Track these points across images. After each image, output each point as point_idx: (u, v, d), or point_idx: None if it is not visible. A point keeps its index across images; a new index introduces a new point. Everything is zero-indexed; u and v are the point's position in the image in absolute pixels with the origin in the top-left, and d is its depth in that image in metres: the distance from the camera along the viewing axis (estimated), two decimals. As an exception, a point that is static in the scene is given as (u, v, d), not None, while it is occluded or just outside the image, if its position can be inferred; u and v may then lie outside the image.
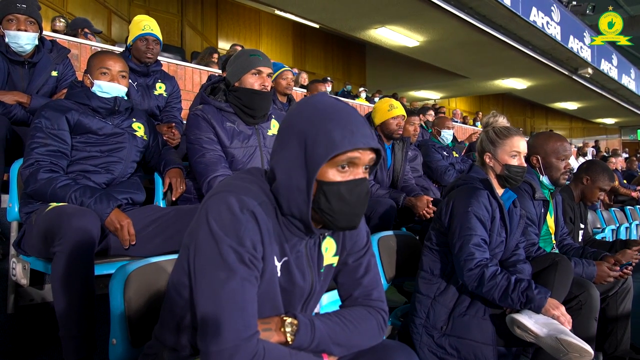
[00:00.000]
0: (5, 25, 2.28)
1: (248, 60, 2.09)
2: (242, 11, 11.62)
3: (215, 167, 1.98)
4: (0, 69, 2.30)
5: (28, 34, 2.29)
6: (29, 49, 2.34)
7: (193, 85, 4.57)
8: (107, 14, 8.29)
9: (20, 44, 2.29)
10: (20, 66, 2.36)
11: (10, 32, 2.27)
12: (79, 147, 1.87)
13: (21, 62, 2.35)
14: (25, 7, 2.28)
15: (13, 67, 2.34)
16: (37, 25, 2.35)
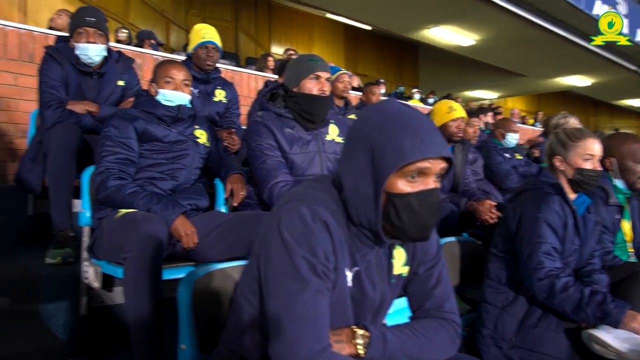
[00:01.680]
0: (76, 38, 2.39)
1: (306, 65, 2.08)
2: (294, 16, 11.73)
3: (276, 173, 1.98)
4: (72, 80, 2.41)
5: (97, 45, 2.39)
6: (97, 60, 2.44)
7: (249, 90, 4.64)
8: (166, 23, 8.59)
9: (90, 56, 2.40)
10: (90, 77, 2.46)
11: (80, 44, 2.37)
12: (145, 154, 1.93)
13: (90, 72, 2.46)
14: (94, 21, 2.38)
15: (83, 77, 2.45)
16: (105, 37, 2.45)
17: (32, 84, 3.23)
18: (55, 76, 2.36)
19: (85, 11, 2.45)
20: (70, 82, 2.41)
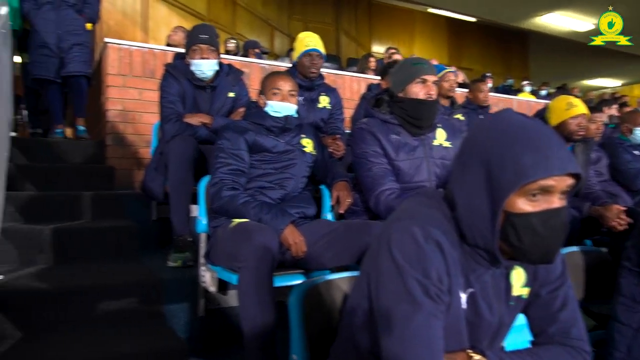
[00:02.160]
0: (191, 54, 2.55)
1: (412, 69, 2.03)
2: (394, 13, 11.59)
3: (382, 181, 1.96)
4: (188, 95, 2.58)
5: (210, 61, 2.53)
6: (210, 75, 2.58)
7: (352, 93, 4.65)
8: (270, 30, 8.91)
9: (204, 71, 2.54)
10: (203, 90, 2.61)
11: (195, 60, 2.53)
12: (255, 164, 2.00)
13: (204, 86, 2.61)
14: (207, 38, 2.53)
15: (198, 91, 2.61)
16: (217, 53, 2.58)
17: (153, 98, 3.51)
18: (173, 91, 2.53)
19: (198, 29, 2.60)
20: (187, 96, 2.58)
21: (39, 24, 3.54)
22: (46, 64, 3.55)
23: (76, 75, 3.65)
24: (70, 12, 3.63)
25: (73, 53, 3.60)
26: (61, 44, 3.58)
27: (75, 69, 3.62)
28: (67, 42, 3.58)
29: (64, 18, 3.59)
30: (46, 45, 3.53)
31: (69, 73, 3.61)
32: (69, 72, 3.60)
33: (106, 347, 1.83)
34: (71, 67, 3.60)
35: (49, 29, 3.54)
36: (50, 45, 3.54)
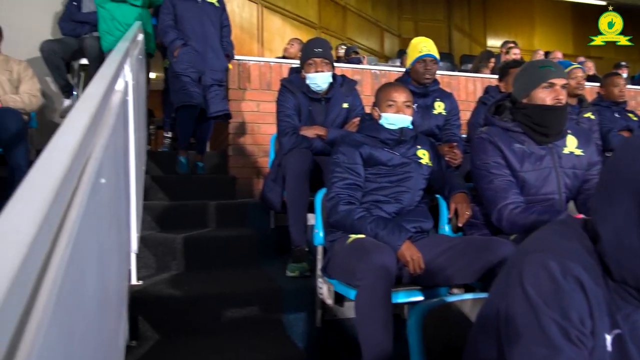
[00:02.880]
0: (306, 69, 2.61)
1: (537, 72, 1.89)
2: (511, 4, 10.93)
3: (505, 194, 1.84)
4: (303, 107, 2.65)
5: (324, 74, 2.58)
6: (325, 87, 2.62)
7: (467, 94, 4.46)
8: (380, 32, 8.87)
9: (318, 84, 2.59)
10: (318, 102, 2.66)
11: (310, 74, 2.59)
12: (370, 178, 1.99)
13: (319, 99, 2.65)
14: (321, 51, 2.57)
15: (312, 103, 2.66)
16: (330, 65, 2.62)
17: (270, 109, 3.66)
18: (289, 105, 2.61)
19: (312, 43, 2.66)
20: (302, 109, 2.64)
21: (182, 57, 3.41)
22: (188, 91, 3.41)
23: (218, 115, 3.57)
24: (214, 52, 3.51)
25: (214, 92, 3.50)
26: (203, 80, 3.48)
27: (216, 108, 3.51)
28: (209, 80, 3.47)
29: (207, 57, 3.46)
30: (188, 75, 3.42)
31: (211, 114, 3.51)
32: (211, 113, 3.50)
33: (227, 354, 1.93)
34: (213, 107, 3.50)
35: (192, 63, 3.42)
36: (192, 77, 3.43)
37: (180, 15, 3.46)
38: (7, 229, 0.49)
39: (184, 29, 3.47)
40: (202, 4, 3.52)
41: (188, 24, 3.45)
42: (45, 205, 0.59)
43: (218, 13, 3.58)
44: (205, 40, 3.46)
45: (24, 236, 0.48)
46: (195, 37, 3.44)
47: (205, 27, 3.48)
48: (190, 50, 3.42)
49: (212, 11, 3.53)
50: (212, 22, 3.52)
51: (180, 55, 3.40)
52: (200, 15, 3.47)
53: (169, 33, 3.44)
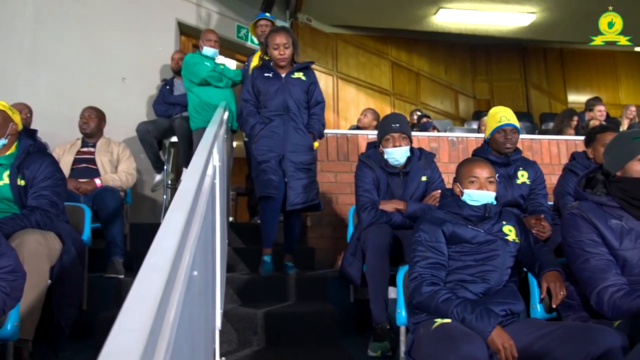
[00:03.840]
0: (384, 144, 2.65)
1: (631, 145, 1.79)
2: (590, 57, 10.56)
3: (604, 275, 1.71)
4: (382, 181, 2.66)
5: (402, 148, 2.61)
6: (403, 162, 2.64)
7: (550, 157, 4.28)
8: (454, 94, 8.86)
9: (397, 158, 2.62)
10: (397, 176, 2.67)
11: (388, 149, 2.62)
12: (454, 256, 1.93)
13: (397, 173, 2.67)
14: (399, 126, 2.62)
15: (391, 177, 2.67)
16: (408, 139, 2.64)
17: (348, 180, 3.72)
18: (368, 180, 2.64)
19: (390, 118, 2.73)
20: (381, 183, 2.66)
21: (262, 140, 3.06)
22: (268, 180, 2.99)
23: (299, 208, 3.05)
24: (297, 131, 3.07)
25: (295, 178, 3.00)
26: (283, 165, 3.02)
27: (295, 200, 2.98)
28: (290, 165, 3.01)
29: (289, 137, 3.03)
30: (268, 161, 3.02)
31: (292, 206, 2.98)
32: (290, 205, 2.98)
33: None
34: (292, 197, 2.97)
35: (272, 146, 3.03)
36: (273, 163, 3.01)
37: (263, 92, 3.15)
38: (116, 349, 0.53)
39: (265, 105, 3.14)
40: (286, 78, 3.15)
41: (270, 101, 3.11)
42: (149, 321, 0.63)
43: (304, 87, 3.17)
44: (288, 119, 3.06)
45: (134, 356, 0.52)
46: (277, 115, 3.08)
47: (289, 103, 3.08)
48: (271, 132, 3.05)
49: (297, 86, 3.14)
50: (297, 99, 3.11)
51: (260, 139, 3.07)
52: (283, 91, 3.10)
53: (248, 120, 3.15)
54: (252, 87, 3.19)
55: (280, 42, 3.09)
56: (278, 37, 3.10)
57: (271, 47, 3.12)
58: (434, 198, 2.59)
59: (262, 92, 3.14)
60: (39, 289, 2.11)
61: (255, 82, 3.17)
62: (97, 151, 3.52)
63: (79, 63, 4.52)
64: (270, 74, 3.15)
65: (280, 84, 3.12)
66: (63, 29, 4.49)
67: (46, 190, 2.31)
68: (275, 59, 3.12)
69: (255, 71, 3.22)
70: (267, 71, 3.16)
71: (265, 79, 3.14)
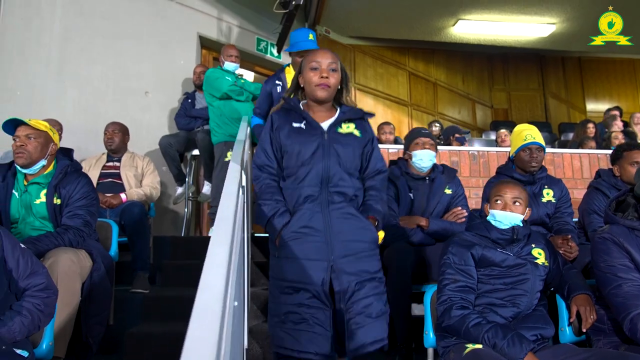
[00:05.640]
0: (412, 147, 2.72)
1: (664, 169, 1.77)
2: (610, 66, 10.46)
3: (637, 302, 1.70)
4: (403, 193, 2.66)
5: (430, 152, 2.68)
6: (429, 166, 2.70)
7: (572, 171, 4.25)
8: (471, 104, 8.83)
9: (424, 160, 2.67)
10: (422, 182, 2.70)
11: (417, 151, 2.69)
12: (483, 279, 1.93)
13: (422, 178, 2.70)
14: (428, 132, 2.73)
15: (415, 185, 2.69)
16: (436, 148, 2.70)
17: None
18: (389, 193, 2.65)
19: (419, 128, 2.84)
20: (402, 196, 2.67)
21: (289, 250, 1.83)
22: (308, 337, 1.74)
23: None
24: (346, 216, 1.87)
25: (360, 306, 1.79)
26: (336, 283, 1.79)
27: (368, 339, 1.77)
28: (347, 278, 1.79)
29: (337, 229, 1.83)
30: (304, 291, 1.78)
31: (360, 350, 1.75)
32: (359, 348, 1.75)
33: None
34: (360, 337, 1.76)
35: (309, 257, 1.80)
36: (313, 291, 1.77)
37: (290, 153, 1.91)
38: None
39: (292, 173, 1.91)
40: (331, 133, 1.92)
41: (302, 169, 1.89)
42: None
43: (359, 148, 1.96)
44: (331, 199, 1.87)
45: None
46: (313, 193, 1.86)
47: (333, 174, 1.87)
48: (304, 227, 1.82)
49: (349, 146, 1.92)
50: (347, 166, 1.90)
51: (286, 247, 1.82)
52: (325, 154, 1.88)
53: (263, 210, 1.89)
54: (271, 143, 1.95)
55: (324, 60, 1.92)
56: (321, 54, 1.95)
57: (308, 67, 1.94)
58: (455, 215, 2.59)
59: (289, 152, 1.91)
60: (71, 307, 2.16)
61: (278, 135, 1.94)
62: (122, 166, 3.58)
63: (104, 77, 4.60)
64: (302, 124, 1.93)
65: (321, 141, 1.89)
66: (89, 44, 4.58)
67: (81, 210, 2.36)
68: (313, 86, 1.92)
69: (277, 118, 1.97)
70: (297, 119, 1.94)
71: (295, 132, 1.92)
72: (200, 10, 5.22)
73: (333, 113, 2.00)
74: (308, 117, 1.95)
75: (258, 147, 2.08)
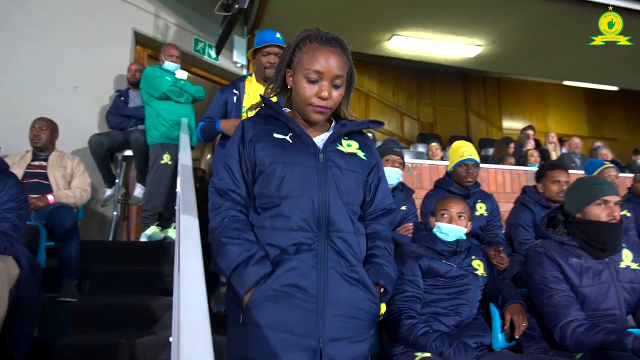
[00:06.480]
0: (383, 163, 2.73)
1: (590, 190, 1.96)
2: (524, 87, 11.30)
3: (566, 311, 1.85)
4: None
5: (398, 170, 2.73)
6: (394, 184, 2.74)
7: (496, 185, 4.54)
8: (400, 116, 9.18)
9: (392, 178, 2.70)
10: None
11: (387, 167, 2.70)
12: (428, 289, 2.02)
13: None
14: (400, 151, 2.77)
15: None
16: (403, 166, 2.79)
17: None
18: None
19: (392, 143, 2.91)
20: None
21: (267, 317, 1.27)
22: None
23: None
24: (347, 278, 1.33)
25: None
26: None
27: None
28: None
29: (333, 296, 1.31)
30: None
31: None
32: None
33: None
34: None
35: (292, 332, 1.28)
36: None
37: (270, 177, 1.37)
38: None
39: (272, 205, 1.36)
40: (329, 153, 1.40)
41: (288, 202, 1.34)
42: None
43: (363, 176, 1.46)
44: (329, 248, 1.33)
45: None
46: (304, 239, 1.32)
47: (334, 213, 1.35)
48: (289, 287, 1.28)
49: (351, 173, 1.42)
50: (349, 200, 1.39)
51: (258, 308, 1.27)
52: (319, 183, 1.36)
53: (227, 245, 1.31)
54: (239, 160, 1.41)
55: (329, 69, 1.34)
56: (325, 57, 1.35)
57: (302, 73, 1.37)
58: (406, 229, 2.68)
59: (267, 174, 1.37)
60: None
61: (252, 150, 1.40)
62: (50, 165, 3.35)
63: (29, 70, 4.27)
64: (287, 137, 1.41)
65: (316, 163, 1.38)
66: (14, 33, 4.24)
67: (9, 213, 2.19)
68: (305, 104, 1.38)
69: (252, 126, 1.44)
70: (280, 129, 1.43)
71: (279, 147, 1.39)
72: (137, 5, 5.02)
73: (326, 128, 1.48)
74: (296, 127, 1.40)
75: (218, 164, 1.51)
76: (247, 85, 2.89)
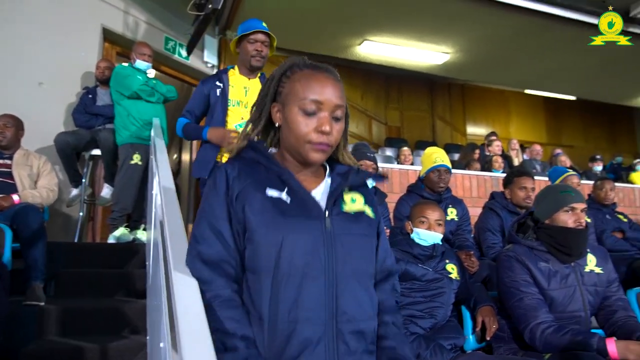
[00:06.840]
0: None
1: (559, 197, 2.05)
2: (487, 94, 11.62)
3: (535, 313, 1.93)
4: None
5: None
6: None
7: (464, 190, 4.66)
8: (368, 120, 9.28)
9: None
10: None
11: None
12: (404, 292, 2.06)
13: None
14: (373, 156, 2.82)
15: None
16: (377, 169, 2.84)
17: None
18: None
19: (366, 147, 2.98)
20: None
21: None
22: None
23: None
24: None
25: None
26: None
27: None
28: None
29: None
30: None
31: None
32: None
33: None
34: None
35: None
36: None
37: (259, 244, 1.08)
38: None
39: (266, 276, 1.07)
40: (336, 216, 1.13)
41: (287, 288, 1.04)
42: None
43: (374, 236, 1.22)
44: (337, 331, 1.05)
45: None
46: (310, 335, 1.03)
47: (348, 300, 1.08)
48: None
49: (362, 239, 1.17)
50: (365, 279, 1.14)
51: None
52: (328, 258, 1.07)
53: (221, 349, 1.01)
54: (228, 218, 1.12)
55: (329, 99, 1.12)
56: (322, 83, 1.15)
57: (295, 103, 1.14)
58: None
59: (257, 243, 1.08)
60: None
61: (241, 209, 1.11)
62: (15, 164, 3.24)
63: (-10, 63, 4.12)
64: (281, 194, 1.12)
65: (321, 230, 1.10)
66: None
67: None
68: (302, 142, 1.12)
69: (237, 177, 1.14)
70: (273, 182, 1.14)
71: (277, 211, 1.10)
72: (106, 0, 4.91)
73: (321, 174, 1.23)
74: (292, 180, 1.13)
75: (201, 221, 1.14)
76: (230, 77, 2.72)
